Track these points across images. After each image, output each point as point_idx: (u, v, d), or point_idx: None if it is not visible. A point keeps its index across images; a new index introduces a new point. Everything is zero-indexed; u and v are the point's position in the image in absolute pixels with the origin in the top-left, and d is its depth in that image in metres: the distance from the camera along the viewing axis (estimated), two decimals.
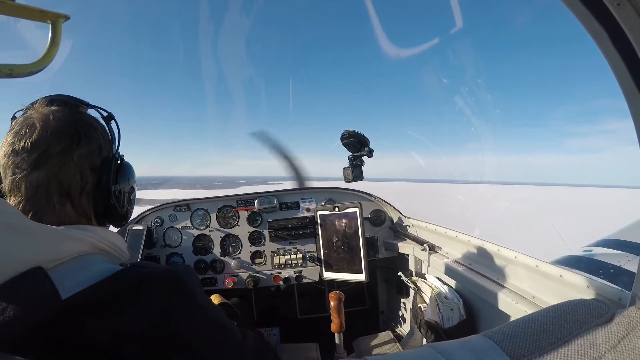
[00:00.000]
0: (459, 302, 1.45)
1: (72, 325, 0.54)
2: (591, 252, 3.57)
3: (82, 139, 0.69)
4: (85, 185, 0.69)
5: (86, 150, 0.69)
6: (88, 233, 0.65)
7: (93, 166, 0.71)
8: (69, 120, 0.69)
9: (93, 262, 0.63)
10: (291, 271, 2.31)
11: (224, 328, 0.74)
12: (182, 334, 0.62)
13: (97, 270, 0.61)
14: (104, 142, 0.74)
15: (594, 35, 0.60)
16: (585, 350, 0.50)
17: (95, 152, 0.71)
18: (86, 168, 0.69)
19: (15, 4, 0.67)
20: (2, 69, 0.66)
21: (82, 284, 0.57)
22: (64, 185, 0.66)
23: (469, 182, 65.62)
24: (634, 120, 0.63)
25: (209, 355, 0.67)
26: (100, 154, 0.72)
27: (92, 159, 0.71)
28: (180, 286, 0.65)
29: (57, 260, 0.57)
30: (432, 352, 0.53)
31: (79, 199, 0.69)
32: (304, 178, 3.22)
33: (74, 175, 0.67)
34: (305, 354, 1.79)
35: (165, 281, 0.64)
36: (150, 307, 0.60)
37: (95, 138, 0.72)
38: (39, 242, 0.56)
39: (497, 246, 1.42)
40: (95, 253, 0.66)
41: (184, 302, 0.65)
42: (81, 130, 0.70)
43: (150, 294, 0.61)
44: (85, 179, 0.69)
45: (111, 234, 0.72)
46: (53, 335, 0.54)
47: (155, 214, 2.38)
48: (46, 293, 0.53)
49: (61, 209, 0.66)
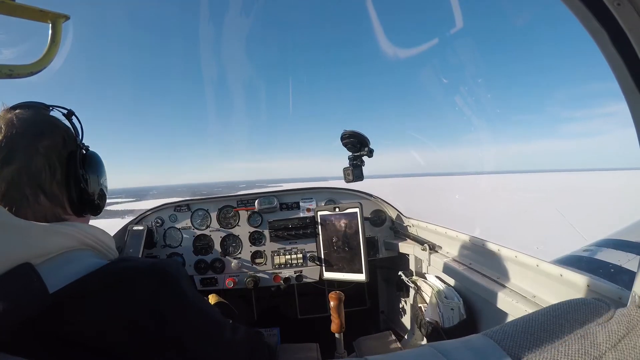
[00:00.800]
0: (459, 302, 1.45)
1: (60, 320, 0.55)
2: (591, 252, 3.58)
3: (45, 133, 0.72)
4: (54, 175, 0.71)
5: (51, 143, 0.72)
6: (74, 229, 0.66)
7: (60, 157, 0.73)
8: (31, 119, 0.72)
9: (80, 257, 0.64)
10: (291, 271, 2.31)
11: (212, 321, 0.74)
12: (169, 327, 0.63)
13: (84, 265, 0.62)
14: (67, 136, 0.77)
15: (594, 35, 0.60)
16: (586, 349, 0.50)
17: (59, 144, 0.74)
18: (53, 159, 0.71)
19: (15, 4, 0.67)
20: (2, 69, 0.66)
21: (69, 278, 0.58)
22: (34, 177, 0.68)
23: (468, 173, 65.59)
24: (634, 120, 0.63)
25: (197, 348, 0.67)
26: (65, 146, 0.75)
27: (58, 150, 0.73)
28: (166, 279, 0.66)
29: (44, 256, 0.58)
30: (432, 351, 0.53)
31: (51, 189, 0.70)
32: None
33: (43, 167, 0.69)
34: (305, 354, 1.79)
35: (151, 274, 0.65)
36: (137, 300, 0.61)
37: (58, 132, 0.75)
38: (27, 238, 0.57)
39: (497, 245, 1.42)
40: (82, 249, 0.67)
41: (170, 294, 0.66)
42: (43, 126, 0.73)
43: (136, 287, 0.62)
44: (53, 169, 0.71)
45: (98, 231, 0.73)
46: (42, 329, 0.54)
47: (155, 214, 2.38)
48: (34, 288, 0.54)
49: (35, 200, 0.68)
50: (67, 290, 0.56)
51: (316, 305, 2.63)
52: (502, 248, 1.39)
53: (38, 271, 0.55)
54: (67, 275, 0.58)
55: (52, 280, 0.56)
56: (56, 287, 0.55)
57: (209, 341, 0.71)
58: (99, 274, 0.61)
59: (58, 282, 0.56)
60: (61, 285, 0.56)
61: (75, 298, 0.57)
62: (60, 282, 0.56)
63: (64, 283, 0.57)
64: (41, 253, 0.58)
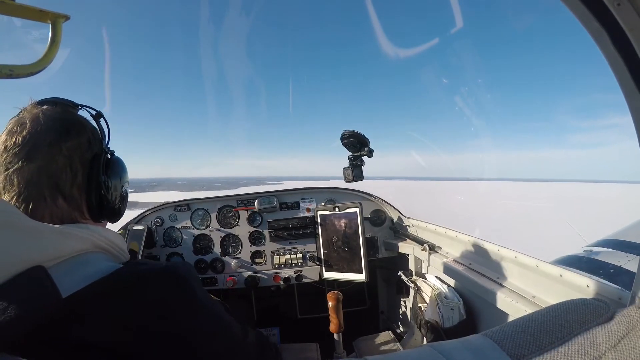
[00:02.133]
0: (459, 302, 1.45)
1: (73, 324, 0.54)
2: (591, 252, 3.58)
3: (71, 133, 0.70)
4: (75, 178, 0.70)
5: (75, 144, 0.70)
6: (88, 231, 0.65)
7: (83, 160, 0.71)
8: (57, 117, 0.71)
9: (93, 261, 0.63)
10: (291, 271, 2.31)
11: (224, 323, 0.74)
12: (182, 330, 0.63)
13: (97, 268, 0.61)
14: (93, 138, 0.75)
15: (594, 35, 0.60)
16: (586, 349, 0.50)
17: (84, 146, 0.72)
18: (76, 161, 0.70)
19: (15, 4, 0.67)
20: (2, 69, 0.66)
21: (82, 282, 0.57)
22: (53, 178, 0.67)
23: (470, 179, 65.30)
24: (634, 120, 0.63)
25: (210, 351, 0.67)
26: (90, 149, 0.73)
27: (82, 152, 0.71)
28: (179, 282, 0.66)
29: (57, 259, 0.58)
30: (432, 351, 0.53)
31: (70, 192, 0.69)
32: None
33: (64, 168, 0.68)
34: (305, 354, 1.79)
35: (164, 278, 0.64)
36: (150, 304, 0.61)
37: (84, 133, 0.73)
38: (39, 241, 0.56)
39: (497, 246, 1.42)
40: (95, 251, 0.66)
41: (183, 298, 0.65)
42: (69, 125, 0.72)
43: (149, 291, 0.62)
44: (75, 171, 0.70)
45: (111, 233, 0.72)
46: (54, 333, 0.54)
47: (155, 213, 2.38)
48: (47, 291, 0.53)
49: (53, 202, 0.67)
50: (80, 295, 0.55)
51: (316, 305, 2.63)
52: (501, 248, 1.39)
53: (50, 274, 0.55)
54: (80, 279, 0.58)
55: (65, 284, 0.55)
56: (69, 291, 0.55)
57: (221, 343, 0.71)
58: (112, 277, 0.60)
59: (71, 285, 0.56)
60: (74, 289, 0.55)
61: (89, 302, 0.56)
62: (73, 286, 0.56)
63: (77, 287, 0.56)
64: (54, 256, 0.57)
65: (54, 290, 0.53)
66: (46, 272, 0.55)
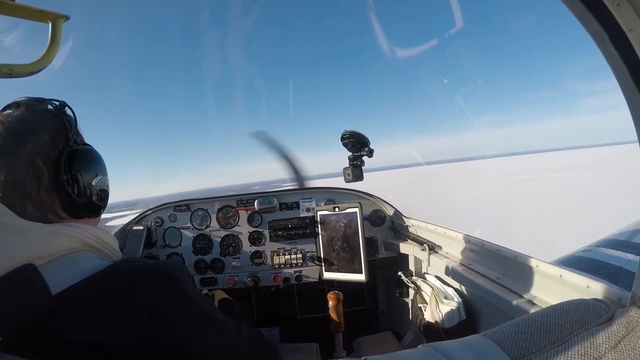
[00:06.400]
0: (459, 302, 1.45)
1: (63, 321, 0.55)
2: (591, 252, 3.58)
3: (28, 136, 0.67)
4: (40, 180, 0.66)
5: (34, 146, 0.67)
6: (77, 230, 0.65)
7: (47, 159, 0.68)
8: (16, 121, 0.67)
9: (83, 259, 0.63)
10: (291, 271, 2.31)
11: (216, 321, 0.74)
12: (173, 328, 0.63)
13: (87, 266, 0.61)
14: (56, 135, 0.71)
15: (594, 35, 0.60)
16: (586, 350, 0.50)
17: (46, 145, 0.68)
18: (38, 163, 0.66)
19: (15, 4, 0.67)
20: (2, 69, 0.66)
21: (72, 279, 0.57)
22: (19, 187, 0.64)
23: (513, 154, 62.30)
24: (634, 120, 0.63)
25: (201, 349, 0.67)
26: (53, 146, 0.69)
27: (44, 152, 0.67)
28: (170, 280, 0.66)
29: (47, 257, 0.58)
30: (432, 352, 0.53)
31: (38, 196, 0.66)
32: (303, 178, 3.22)
33: (26, 173, 0.65)
34: (305, 354, 1.79)
35: (154, 275, 0.64)
36: (141, 301, 0.61)
37: (44, 132, 0.69)
38: (29, 239, 0.56)
39: (497, 246, 1.42)
40: (85, 250, 0.66)
41: (174, 295, 0.65)
42: (27, 127, 0.68)
43: (140, 289, 0.62)
44: (38, 174, 0.66)
45: (102, 232, 0.72)
46: (45, 331, 0.54)
47: (155, 214, 2.38)
48: (37, 289, 0.54)
49: (23, 210, 0.64)
50: (70, 292, 0.56)
51: (316, 305, 2.63)
52: (501, 248, 1.39)
53: (41, 272, 0.55)
54: (70, 277, 0.58)
55: (55, 282, 0.56)
56: (59, 289, 0.55)
57: (213, 340, 0.71)
58: (102, 275, 0.61)
59: (61, 283, 0.56)
60: (64, 286, 0.56)
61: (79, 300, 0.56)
62: (63, 284, 0.56)
63: (67, 284, 0.56)
64: (44, 254, 0.58)
65: (44, 288, 0.54)
66: (36, 270, 0.55)
